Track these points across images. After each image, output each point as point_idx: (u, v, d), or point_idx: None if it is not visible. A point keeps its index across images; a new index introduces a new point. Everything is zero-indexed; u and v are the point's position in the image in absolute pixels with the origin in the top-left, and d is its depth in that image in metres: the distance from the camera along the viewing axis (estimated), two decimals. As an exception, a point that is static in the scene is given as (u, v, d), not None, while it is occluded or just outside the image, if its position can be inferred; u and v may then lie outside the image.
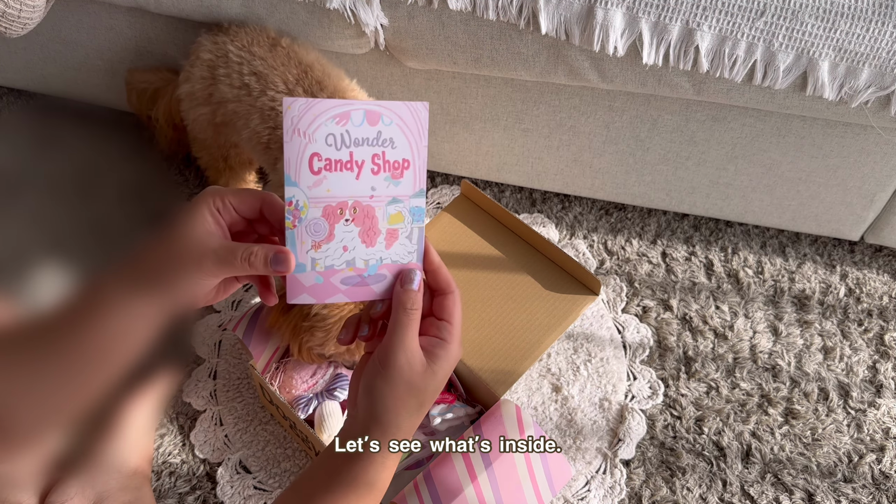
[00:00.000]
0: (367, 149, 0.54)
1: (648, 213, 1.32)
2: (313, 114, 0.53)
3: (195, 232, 0.53)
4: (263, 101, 0.99)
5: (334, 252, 0.55)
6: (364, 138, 0.54)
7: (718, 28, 0.94)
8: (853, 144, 1.09)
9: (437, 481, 0.90)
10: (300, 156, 0.53)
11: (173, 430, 1.07)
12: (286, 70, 1.00)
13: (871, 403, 1.11)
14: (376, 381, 0.56)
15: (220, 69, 1.04)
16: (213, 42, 1.06)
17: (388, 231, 0.56)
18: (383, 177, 0.55)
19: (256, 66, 1.01)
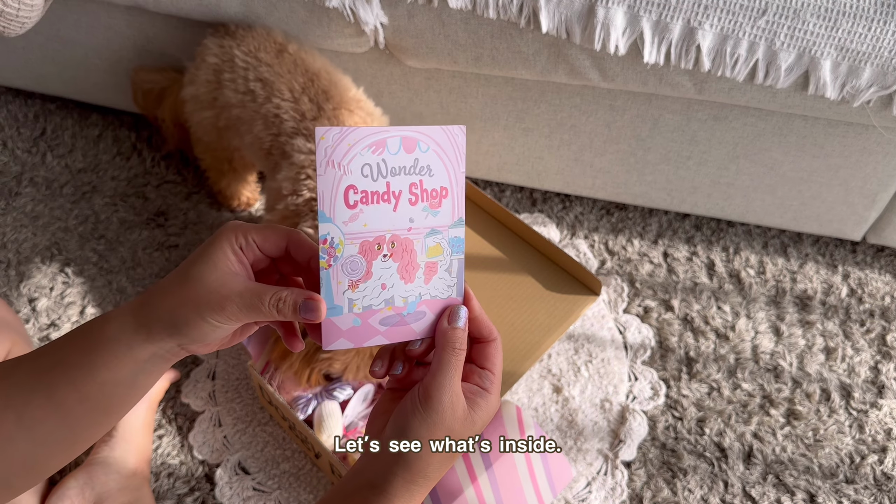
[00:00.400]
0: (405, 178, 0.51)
1: (650, 212, 1.32)
2: (348, 143, 0.49)
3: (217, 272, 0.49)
4: (268, 108, 0.99)
5: (372, 291, 0.52)
6: (401, 167, 0.51)
7: (720, 27, 0.93)
8: (855, 144, 1.09)
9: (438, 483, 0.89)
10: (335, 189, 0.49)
11: (172, 431, 1.06)
12: (292, 78, 0.99)
13: (873, 404, 1.10)
14: (413, 421, 0.51)
15: (225, 73, 1.03)
16: (219, 46, 1.05)
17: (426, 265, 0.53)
18: (421, 207, 0.52)
19: (262, 73, 1.01)
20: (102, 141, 1.39)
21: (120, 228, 1.27)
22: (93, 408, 0.51)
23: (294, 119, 0.97)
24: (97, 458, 0.97)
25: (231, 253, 0.50)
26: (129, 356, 0.50)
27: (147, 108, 1.27)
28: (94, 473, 0.95)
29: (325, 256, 0.50)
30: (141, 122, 1.41)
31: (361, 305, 0.52)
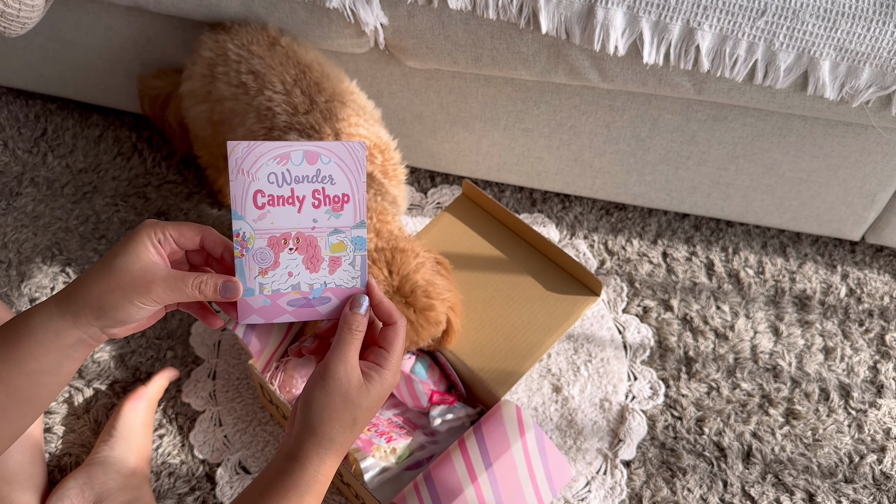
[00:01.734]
0: (308, 185, 0.61)
1: (649, 212, 1.32)
2: (255, 155, 0.59)
3: (141, 262, 0.57)
4: (260, 101, 0.99)
5: (280, 277, 0.62)
6: (304, 176, 0.61)
7: (719, 27, 0.93)
8: (854, 144, 1.09)
9: (438, 482, 0.90)
10: (245, 193, 0.60)
11: (172, 431, 1.06)
12: (284, 70, 0.99)
13: (872, 404, 1.11)
14: (314, 391, 0.60)
15: (219, 67, 1.03)
16: (213, 40, 1.06)
17: (330, 258, 0.62)
18: (324, 210, 0.61)
19: (254, 65, 1.01)
20: (103, 141, 1.39)
21: (121, 228, 1.27)
22: (20, 399, 0.57)
23: (287, 112, 0.97)
24: (97, 458, 0.97)
25: (151, 246, 0.58)
26: (55, 343, 0.56)
27: (155, 114, 1.27)
28: (93, 473, 0.95)
29: (238, 248, 0.60)
30: (142, 122, 1.41)
31: (271, 289, 0.62)
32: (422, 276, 0.90)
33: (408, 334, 0.90)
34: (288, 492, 0.59)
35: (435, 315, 0.91)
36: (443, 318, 0.93)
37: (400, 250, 0.90)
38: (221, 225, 1.28)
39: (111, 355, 1.13)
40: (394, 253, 0.90)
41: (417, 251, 0.92)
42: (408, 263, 0.90)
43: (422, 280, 0.90)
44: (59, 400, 1.08)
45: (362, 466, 0.92)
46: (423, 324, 0.90)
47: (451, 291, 0.95)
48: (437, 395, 1.01)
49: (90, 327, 0.57)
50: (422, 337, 0.92)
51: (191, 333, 1.15)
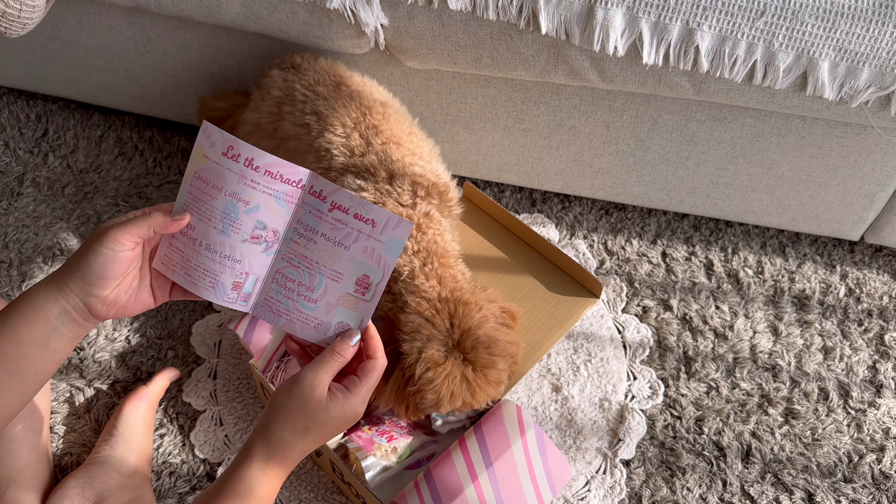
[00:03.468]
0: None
1: (648, 213, 1.32)
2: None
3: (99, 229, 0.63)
4: (320, 142, 0.99)
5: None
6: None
7: (718, 28, 0.94)
8: (853, 144, 1.09)
9: (438, 481, 0.90)
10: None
11: (173, 430, 1.07)
12: (346, 112, 1.00)
13: (871, 403, 1.11)
14: (280, 392, 0.65)
15: (286, 106, 1.05)
16: (283, 79, 1.07)
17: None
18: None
19: (318, 107, 1.01)
20: (104, 141, 1.39)
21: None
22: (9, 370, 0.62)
23: (344, 155, 0.98)
24: (98, 458, 0.98)
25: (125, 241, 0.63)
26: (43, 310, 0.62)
27: None
28: (94, 473, 0.95)
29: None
30: (143, 122, 1.41)
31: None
32: (484, 332, 0.87)
33: (462, 395, 0.87)
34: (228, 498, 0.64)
35: (496, 374, 0.88)
36: (504, 377, 0.90)
37: (463, 303, 0.87)
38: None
39: (112, 355, 1.13)
40: (457, 305, 0.87)
41: (481, 304, 0.89)
42: (470, 317, 0.87)
43: (484, 336, 0.86)
44: (60, 400, 1.08)
45: (363, 465, 0.93)
46: (480, 384, 0.87)
47: (515, 344, 0.92)
48: (438, 394, 1.01)
49: (72, 296, 0.62)
50: (478, 399, 0.88)
51: (191, 333, 1.15)
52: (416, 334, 0.86)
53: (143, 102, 1.35)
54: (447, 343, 0.86)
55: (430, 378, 0.85)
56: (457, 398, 0.87)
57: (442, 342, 0.86)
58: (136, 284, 0.67)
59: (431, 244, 0.92)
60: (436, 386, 0.86)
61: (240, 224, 0.66)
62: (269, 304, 0.69)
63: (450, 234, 0.96)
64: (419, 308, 0.88)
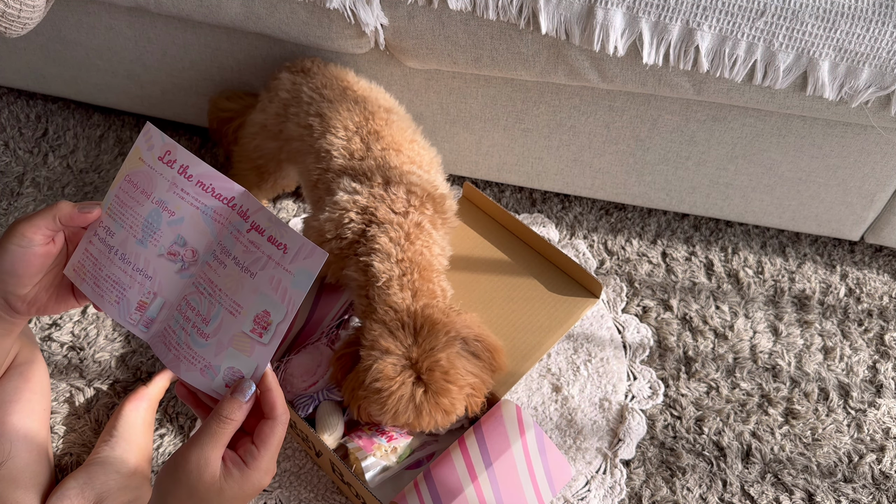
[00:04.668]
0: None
1: (648, 213, 1.32)
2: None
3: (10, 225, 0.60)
4: (321, 143, 1.00)
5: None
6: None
7: (718, 28, 0.94)
8: (853, 144, 1.09)
9: (438, 481, 0.90)
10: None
11: (173, 430, 1.07)
12: (349, 116, 1.00)
13: (872, 403, 1.11)
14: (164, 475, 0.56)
15: (292, 108, 1.05)
16: (291, 82, 1.08)
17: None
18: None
19: (322, 108, 1.02)
20: (104, 141, 1.39)
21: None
22: None
23: (343, 157, 0.98)
24: (97, 458, 0.98)
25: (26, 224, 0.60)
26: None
27: (220, 135, 1.28)
28: (94, 473, 0.95)
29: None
30: (142, 123, 1.41)
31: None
32: (446, 357, 0.84)
33: (406, 414, 0.84)
34: None
35: (448, 402, 0.84)
36: (458, 407, 0.87)
37: (432, 321, 0.85)
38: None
39: (112, 355, 1.13)
40: (424, 322, 0.85)
41: (451, 326, 0.85)
42: (435, 338, 0.84)
43: (445, 360, 0.83)
44: (60, 400, 1.08)
45: (363, 465, 0.93)
46: (429, 408, 0.84)
47: (479, 377, 0.89)
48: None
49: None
50: (422, 422, 0.85)
51: (191, 333, 1.15)
52: (376, 343, 0.85)
53: (143, 102, 1.35)
54: (404, 359, 0.84)
55: (377, 388, 0.84)
56: (400, 416, 0.85)
57: (399, 357, 0.84)
58: (56, 283, 0.63)
59: (417, 255, 0.90)
60: (381, 398, 0.84)
61: (160, 235, 0.61)
62: (165, 334, 0.61)
63: (438, 247, 0.94)
64: (385, 317, 0.86)
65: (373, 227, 0.91)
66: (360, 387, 0.86)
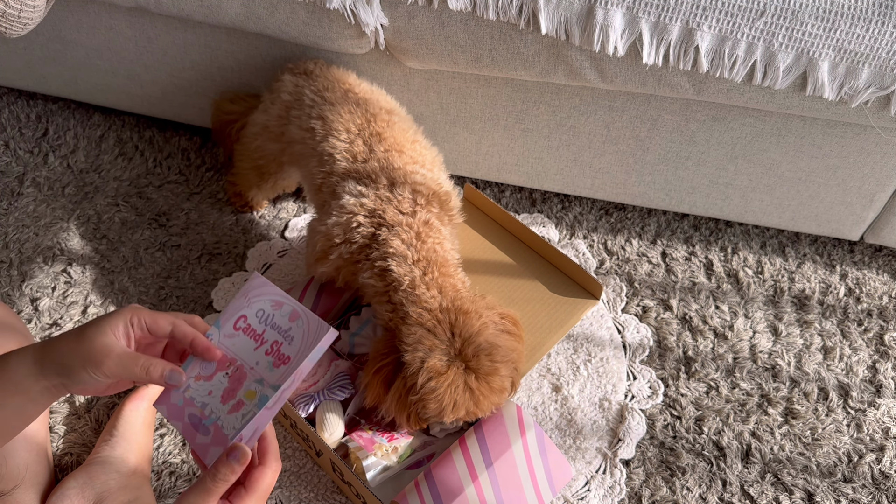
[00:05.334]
0: (275, 334, 0.66)
1: (648, 213, 1.32)
2: (262, 291, 0.68)
3: (104, 337, 0.62)
4: (323, 147, 1.00)
5: (203, 390, 0.65)
6: (279, 326, 0.67)
7: (718, 28, 0.94)
8: (853, 144, 1.09)
9: (438, 480, 0.90)
10: (235, 312, 0.68)
11: (173, 430, 1.07)
12: (351, 119, 1.00)
13: (871, 403, 1.11)
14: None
15: (294, 110, 1.05)
16: (294, 84, 1.08)
17: (238, 401, 0.64)
18: (268, 359, 0.65)
19: (324, 111, 1.02)
20: (104, 141, 1.39)
21: (122, 228, 1.27)
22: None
23: (346, 160, 0.98)
24: (98, 458, 0.98)
25: (122, 326, 0.63)
26: (23, 384, 0.62)
27: (223, 136, 1.28)
28: (94, 473, 0.95)
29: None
30: (143, 122, 1.42)
31: (191, 394, 0.65)
32: (485, 339, 0.87)
33: (465, 404, 0.87)
34: None
35: (499, 381, 0.88)
36: (507, 384, 0.90)
37: (464, 312, 0.87)
38: (221, 227, 1.28)
39: (112, 355, 1.13)
40: (458, 314, 0.87)
41: (481, 312, 0.89)
42: (471, 325, 0.87)
43: (485, 343, 0.86)
44: (61, 400, 1.08)
45: (364, 465, 0.93)
46: (484, 391, 0.87)
47: (516, 351, 0.92)
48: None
49: (54, 379, 0.62)
50: (482, 407, 0.88)
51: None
52: (419, 345, 0.86)
53: (143, 102, 1.35)
54: (449, 353, 0.86)
55: (432, 388, 0.85)
56: (460, 407, 0.87)
57: (444, 352, 0.86)
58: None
59: (431, 253, 0.92)
60: (438, 395, 0.86)
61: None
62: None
63: (449, 242, 0.96)
64: (420, 319, 0.88)
65: (383, 231, 0.92)
66: (410, 392, 0.87)
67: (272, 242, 1.26)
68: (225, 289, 1.20)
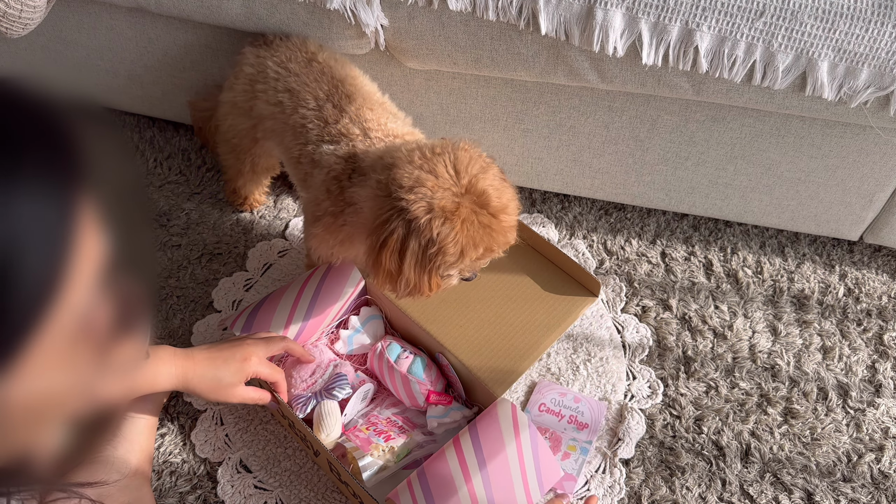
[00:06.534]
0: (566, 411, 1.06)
1: (648, 213, 1.32)
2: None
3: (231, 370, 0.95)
4: (295, 119, 0.99)
5: None
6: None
7: (718, 28, 0.94)
8: (852, 144, 1.09)
9: (431, 478, 0.90)
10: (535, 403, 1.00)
11: (174, 430, 1.07)
12: (318, 87, 1.00)
13: (870, 403, 1.11)
14: None
15: (259, 84, 1.05)
16: (255, 56, 1.07)
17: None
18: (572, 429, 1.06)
19: (290, 83, 1.01)
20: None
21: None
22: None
23: (318, 126, 0.97)
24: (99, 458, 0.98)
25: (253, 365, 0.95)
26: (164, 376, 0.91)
27: (204, 135, 1.28)
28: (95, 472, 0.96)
29: None
30: (143, 122, 1.42)
31: None
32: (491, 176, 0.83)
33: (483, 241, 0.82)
34: None
35: (509, 219, 0.84)
36: (515, 223, 0.86)
37: (462, 149, 0.84)
38: (222, 227, 1.28)
39: (113, 355, 1.13)
40: (455, 152, 0.83)
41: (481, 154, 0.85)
42: (475, 163, 0.83)
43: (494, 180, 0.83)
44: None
45: (360, 465, 0.93)
46: (496, 228, 0.83)
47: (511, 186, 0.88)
48: (434, 395, 1.01)
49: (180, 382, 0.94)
50: (497, 242, 0.83)
51: (192, 333, 1.15)
52: (420, 188, 0.80)
53: (143, 103, 1.35)
54: (454, 190, 0.81)
55: (448, 230, 0.80)
56: (478, 245, 0.82)
57: (448, 190, 0.81)
58: None
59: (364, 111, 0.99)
60: (456, 236, 0.80)
61: None
62: None
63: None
64: (411, 157, 0.83)
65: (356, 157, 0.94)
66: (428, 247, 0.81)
67: (273, 242, 1.26)
68: (225, 289, 1.20)
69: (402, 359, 1.02)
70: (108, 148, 0.46)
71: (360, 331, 1.08)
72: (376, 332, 1.09)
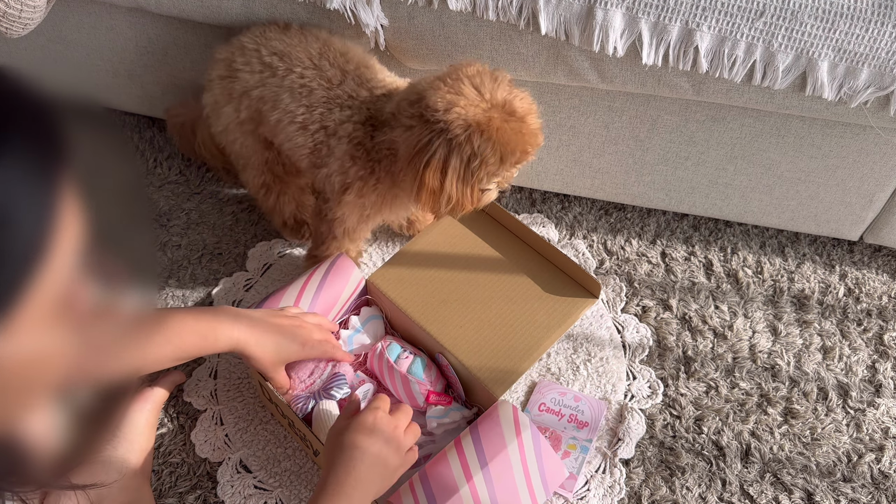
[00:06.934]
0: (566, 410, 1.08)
1: (648, 213, 1.32)
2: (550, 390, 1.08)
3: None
4: (292, 80, 0.97)
5: None
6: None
7: (718, 28, 0.94)
8: (852, 144, 1.09)
9: (433, 480, 0.90)
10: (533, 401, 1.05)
11: (174, 430, 1.07)
12: (307, 45, 0.99)
13: (871, 403, 1.11)
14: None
15: (237, 61, 1.02)
16: (227, 42, 1.05)
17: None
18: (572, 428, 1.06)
19: (276, 46, 0.99)
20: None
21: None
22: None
23: (323, 87, 0.96)
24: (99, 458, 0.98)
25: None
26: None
27: (183, 144, 1.27)
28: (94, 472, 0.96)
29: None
30: (143, 123, 1.42)
31: None
32: (508, 88, 0.89)
33: (518, 144, 0.87)
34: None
35: (535, 121, 0.89)
36: (540, 124, 0.91)
37: (476, 70, 0.89)
38: (222, 227, 1.28)
39: (113, 355, 1.13)
40: (471, 74, 0.88)
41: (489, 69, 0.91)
42: (490, 78, 0.88)
43: (511, 90, 0.89)
44: (61, 399, 1.08)
45: (362, 465, 0.93)
46: (526, 132, 0.88)
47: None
48: (434, 395, 1.01)
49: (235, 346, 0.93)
50: (531, 144, 0.89)
51: (192, 333, 1.15)
52: (453, 108, 0.85)
53: (143, 102, 1.35)
54: (483, 106, 0.86)
55: (486, 140, 0.85)
56: (515, 149, 0.87)
57: (478, 107, 0.86)
58: None
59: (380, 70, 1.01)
60: (494, 145, 0.86)
61: None
62: None
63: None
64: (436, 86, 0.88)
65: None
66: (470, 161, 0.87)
67: (273, 242, 1.26)
68: (226, 289, 1.20)
69: (401, 359, 1.02)
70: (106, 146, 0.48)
71: (360, 331, 1.08)
72: (376, 332, 1.09)
